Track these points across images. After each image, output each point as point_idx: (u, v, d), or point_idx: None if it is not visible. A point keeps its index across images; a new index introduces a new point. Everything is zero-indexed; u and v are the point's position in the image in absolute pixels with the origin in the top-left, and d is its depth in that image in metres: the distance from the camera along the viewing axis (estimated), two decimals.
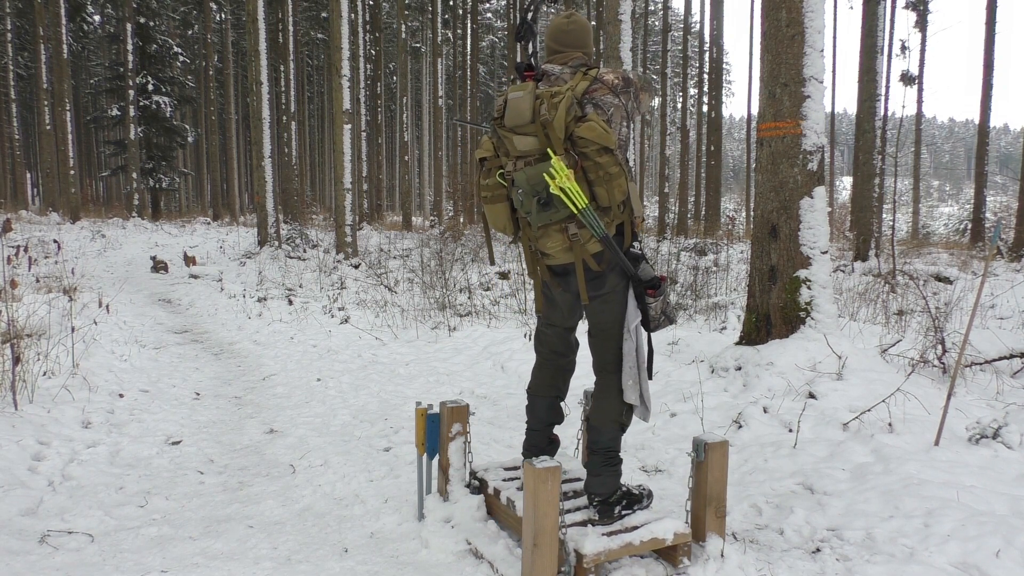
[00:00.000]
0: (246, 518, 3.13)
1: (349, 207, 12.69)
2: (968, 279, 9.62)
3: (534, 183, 2.41)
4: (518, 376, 5.45)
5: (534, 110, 2.41)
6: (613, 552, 2.42)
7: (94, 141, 38.39)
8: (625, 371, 2.56)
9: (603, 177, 2.38)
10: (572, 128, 2.39)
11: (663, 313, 2.55)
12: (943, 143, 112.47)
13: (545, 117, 2.40)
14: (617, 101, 2.49)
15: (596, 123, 2.37)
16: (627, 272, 2.52)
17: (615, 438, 2.63)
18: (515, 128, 2.47)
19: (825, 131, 4.77)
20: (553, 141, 2.40)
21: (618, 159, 2.39)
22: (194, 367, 6.07)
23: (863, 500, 2.91)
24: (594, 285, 2.57)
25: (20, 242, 12.53)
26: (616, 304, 2.57)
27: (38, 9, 20.02)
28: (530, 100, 2.42)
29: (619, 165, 2.39)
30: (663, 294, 2.53)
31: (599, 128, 2.36)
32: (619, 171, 2.39)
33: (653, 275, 2.54)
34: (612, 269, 2.54)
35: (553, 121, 2.38)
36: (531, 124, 2.43)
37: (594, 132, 2.36)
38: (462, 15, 27.83)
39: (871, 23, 12.24)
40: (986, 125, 17.39)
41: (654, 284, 2.52)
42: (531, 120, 2.42)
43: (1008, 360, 4.67)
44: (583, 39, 2.66)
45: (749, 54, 25.26)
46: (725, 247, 12.31)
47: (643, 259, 2.56)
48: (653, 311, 2.53)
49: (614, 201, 2.42)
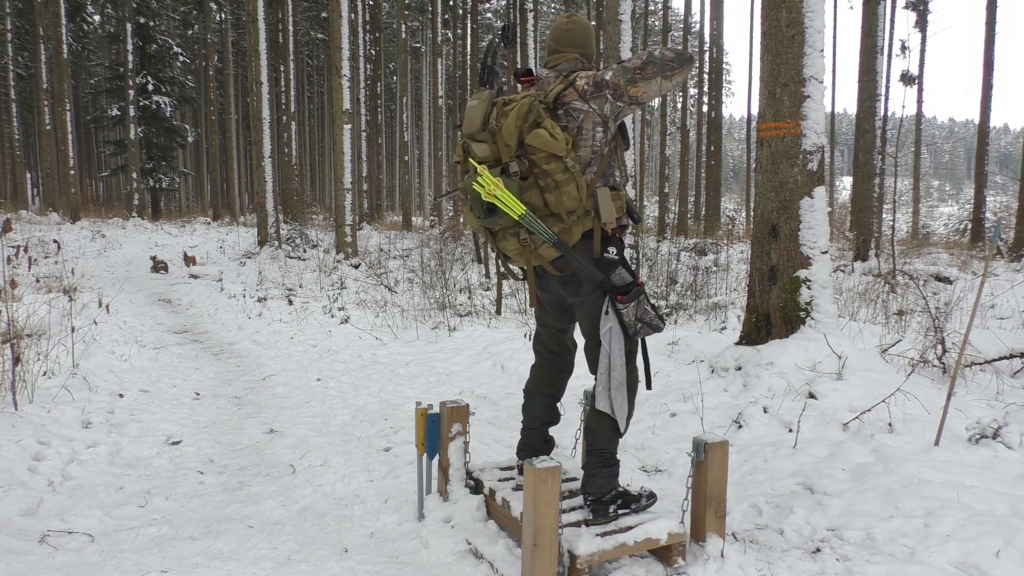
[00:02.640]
0: (246, 518, 3.13)
1: (349, 207, 12.70)
2: (968, 279, 9.62)
3: (478, 188, 2.44)
4: (518, 376, 5.45)
5: (485, 118, 2.44)
6: (607, 552, 2.42)
7: (94, 141, 38.39)
8: (599, 379, 2.56)
9: (550, 184, 2.38)
10: (524, 135, 2.39)
11: (640, 320, 2.49)
12: (943, 143, 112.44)
13: (493, 126, 2.42)
14: (587, 107, 2.46)
15: (546, 130, 2.36)
16: (592, 277, 2.50)
17: (610, 440, 2.62)
18: (471, 135, 2.50)
19: (825, 131, 4.77)
20: (501, 149, 2.42)
21: (567, 166, 2.36)
22: (194, 367, 6.07)
23: (863, 500, 2.91)
24: (571, 291, 2.59)
25: (20, 242, 12.52)
26: (593, 309, 2.57)
27: (38, 9, 20.02)
28: (483, 108, 2.46)
29: (568, 172, 2.36)
30: (635, 300, 2.48)
31: (546, 136, 2.35)
32: (567, 178, 2.37)
33: (627, 280, 2.52)
34: (586, 278, 2.53)
35: (501, 129, 2.40)
36: (482, 132, 2.46)
37: (540, 139, 2.35)
38: (462, 15, 27.81)
39: (871, 23, 12.24)
40: (986, 125, 17.38)
41: (624, 290, 2.50)
42: (482, 128, 2.45)
43: (1008, 360, 4.67)
44: (582, 39, 2.66)
45: (749, 54, 25.28)
46: (725, 247, 12.31)
47: (620, 264, 2.53)
48: (626, 317, 2.48)
49: (563, 208, 2.40)
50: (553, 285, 2.65)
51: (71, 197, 20.31)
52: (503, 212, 2.41)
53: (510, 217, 2.42)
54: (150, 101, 24.24)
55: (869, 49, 12.35)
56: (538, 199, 2.42)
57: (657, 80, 2.42)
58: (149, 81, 24.29)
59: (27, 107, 35.55)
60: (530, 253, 2.52)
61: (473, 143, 2.51)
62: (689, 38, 27.33)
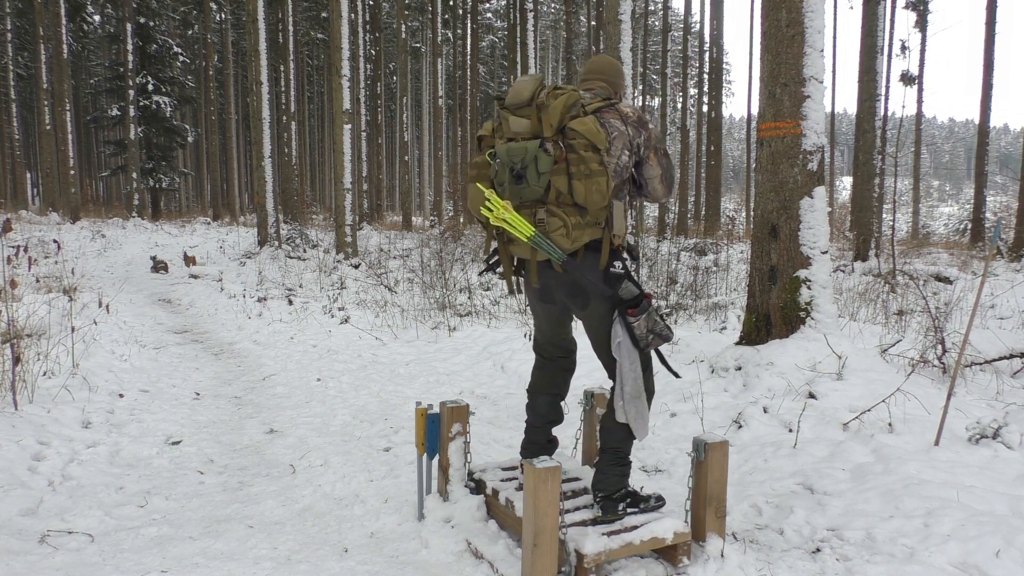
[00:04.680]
0: (246, 518, 3.13)
1: (349, 207, 12.69)
2: (968, 279, 9.62)
3: (513, 155, 2.44)
4: (518, 376, 5.45)
5: (534, 93, 2.46)
6: (614, 552, 2.42)
7: (94, 141, 38.38)
8: (615, 392, 2.59)
9: (583, 172, 2.38)
10: (567, 121, 2.43)
11: (651, 331, 2.51)
12: (943, 143, 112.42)
13: (542, 101, 2.44)
14: (623, 127, 2.52)
15: (592, 121, 2.42)
16: (600, 293, 2.52)
17: (624, 439, 2.64)
18: (512, 107, 2.50)
19: (825, 131, 4.77)
20: (544, 125, 2.44)
21: (603, 160, 2.40)
22: (194, 367, 6.07)
23: (863, 500, 2.91)
24: (578, 304, 2.59)
25: (20, 242, 12.52)
26: (600, 324, 2.59)
27: (38, 9, 20.02)
28: (533, 85, 2.47)
29: (603, 166, 2.39)
30: (645, 313, 2.49)
31: (592, 125, 2.41)
32: (601, 170, 2.39)
33: (635, 293, 2.52)
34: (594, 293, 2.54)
35: (549, 107, 2.43)
36: (528, 107, 2.45)
37: (585, 126, 2.40)
38: (462, 15, 27.80)
39: (871, 23, 12.24)
40: (986, 125, 17.38)
41: (634, 303, 2.51)
42: (528, 102, 2.45)
43: (1008, 360, 4.67)
44: (608, 71, 2.81)
45: (749, 54, 25.28)
46: (725, 247, 12.31)
47: (626, 278, 2.54)
48: (638, 331, 2.50)
49: (590, 200, 2.40)
50: (558, 297, 2.65)
51: (71, 197, 20.31)
52: (531, 183, 2.41)
53: (534, 191, 2.41)
54: (150, 101, 24.24)
55: (869, 49, 12.35)
56: (564, 184, 2.41)
57: (660, 173, 2.65)
58: (149, 81, 24.29)
59: (27, 107, 35.55)
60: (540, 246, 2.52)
61: (512, 117, 2.50)
62: (689, 38, 27.33)
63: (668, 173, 2.69)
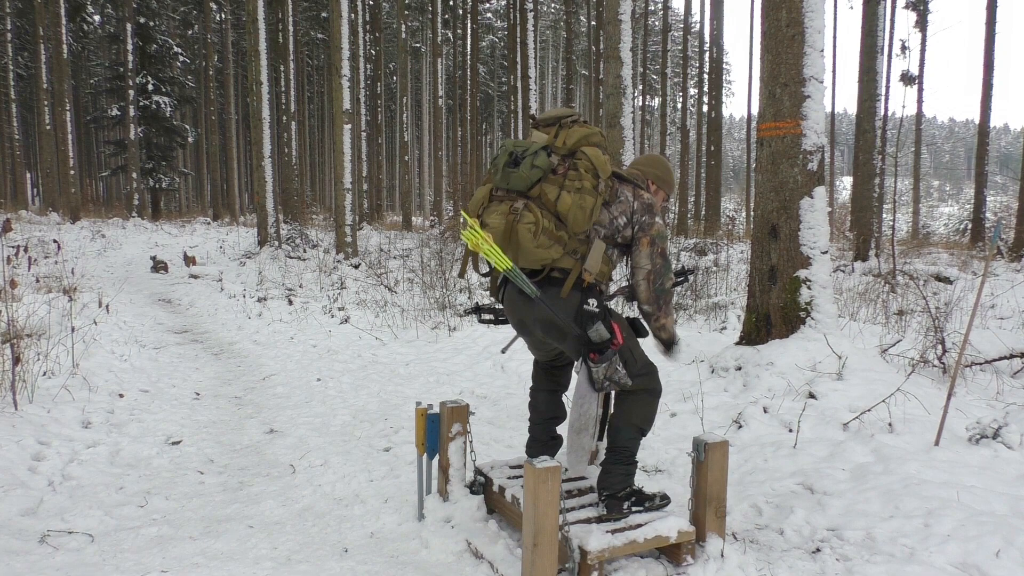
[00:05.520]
0: (246, 518, 3.13)
1: (349, 207, 12.70)
2: (968, 279, 9.62)
3: (518, 144, 2.55)
4: (518, 376, 5.45)
5: (564, 115, 2.65)
6: (617, 549, 2.42)
7: (94, 141, 38.37)
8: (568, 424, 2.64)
9: (575, 186, 2.46)
10: (581, 146, 2.56)
11: (608, 379, 2.49)
12: (943, 143, 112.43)
13: (567, 123, 2.60)
14: (630, 199, 2.59)
15: (603, 155, 2.53)
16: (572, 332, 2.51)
17: (633, 439, 2.66)
18: (540, 122, 2.68)
19: (825, 131, 4.77)
20: (559, 140, 2.57)
21: (598, 188, 2.47)
22: (194, 367, 6.07)
23: (863, 500, 2.91)
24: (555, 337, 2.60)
25: (20, 242, 12.52)
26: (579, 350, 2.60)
27: (38, 9, 20.02)
28: (567, 111, 2.68)
29: (596, 192, 2.46)
30: (606, 362, 2.48)
31: (602, 157, 2.53)
32: (593, 191, 2.46)
33: (604, 338, 2.49)
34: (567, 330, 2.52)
35: (571, 130, 2.57)
36: (552, 125, 2.64)
37: (595, 154, 2.53)
38: (462, 15, 27.80)
39: (871, 23, 12.24)
40: (986, 125, 17.38)
41: (600, 349, 2.49)
42: (555, 121, 2.65)
43: (1008, 360, 4.67)
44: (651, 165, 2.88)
45: (749, 54, 25.28)
46: (725, 247, 12.31)
47: (600, 318, 2.50)
48: (595, 375, 2.49)
49: (572, 215, 2.44)
50: (536, 332, 2.66)
51: (71, 197, 20.31)
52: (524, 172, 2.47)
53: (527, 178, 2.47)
54: (150, 101, 24.23)
55: (869, 49, 12.35)
56: (554, 192, 2.46)
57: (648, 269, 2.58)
58: (149, 81, 24.28)
59: (27, 107, 35.53)
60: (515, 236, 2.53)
61: (536, 131, 2.68)
62: (689, 38, 27.34)
63: (658, 277, 2.59)
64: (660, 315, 2.64)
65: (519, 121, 21.93)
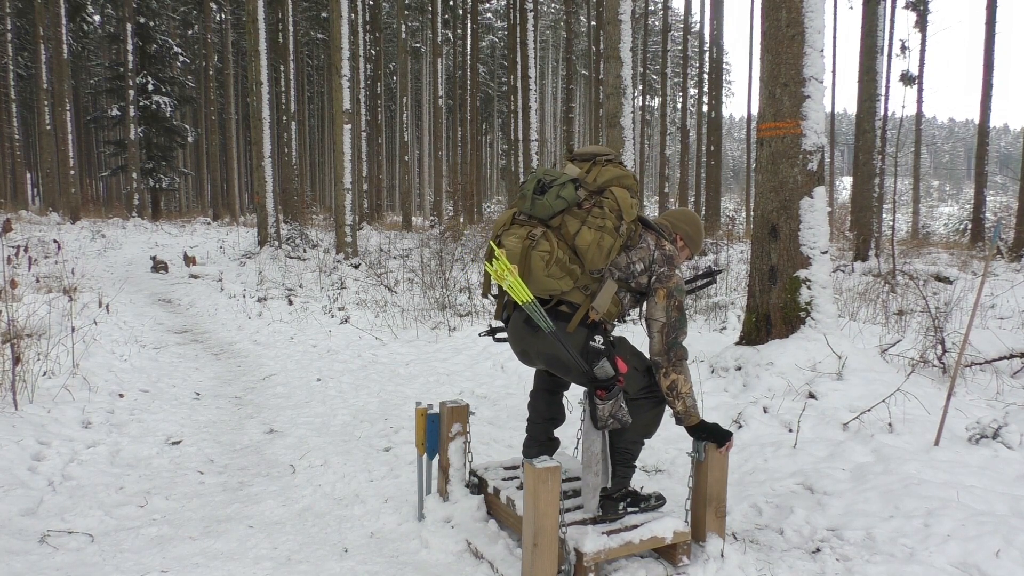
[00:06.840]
0: (246, 518, 3.13)
1: (349, 207, 12.69)
2: (968, 279, 9.61)
3: (548, 173, 2.57)
4: (518, 376, 5.46)
5: (600, 153, 2.68)
6: (613, 551, 2.42)
7: (94, 141, 38.36)
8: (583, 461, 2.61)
9: (597, 223, 2.47)
10: (612, 185, 2.57)
11: (612, 416, 2.48)
12: (943, 143, 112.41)
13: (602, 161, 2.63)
14: (652, 248, 2.59)
15: (630, 198, 2.53)
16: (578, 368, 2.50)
17: (635, 443, 2.68)
18: (576, 156, 2.71)
19: (825, 131, 4.77)
20: (590, 177, 2.59)
21: (620, 230, 2.48)
22: (194, 367, 6.07)
23: (863, 500, 2.91)
24: (559, 371, 2.61)
25: (20, 242, 12.52)
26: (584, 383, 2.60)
27: (38, 9, 20.02)
28: (605, 149, 2.71)
29: (616, 232, 2.47)
30: (613, 399, 2.47)
31: (629, 199, 2.53)
32: (613, 231, 2.46)
33: (610, 375, 2.49)
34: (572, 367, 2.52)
35: (605, 168, 2.59)
36: (587, 160, 2.66)
37: (623, 195, 2.52)
38: (462, 15, 27.80)
39: (871, 23, 12.23)
40: (986, 125, 17.38)
41: (606, 386, 2.49)
42: (590, 157, 2.67)
43: (1008, 360, 4.67)
44: (681, 219, 2.89)
45: (749, 54, 25.28)
46: (725, 247, 12.31)
47: (605, 355, 2.50)
48: (600, 411, 2.48)
49: (590, 251, 2.45)
50: (539, 364, 2.67)
51: (71, 197, 20.30)
52: (549, 201, 2.49)
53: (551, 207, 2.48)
54: (150, 101, 24.22)
55: (869, 49, 12.34)
56: (575, 226, 2.48)
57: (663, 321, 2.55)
58: (149, 81, 24.27)
59: (27, 107, 35.53)
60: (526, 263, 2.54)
61: (570, 164, 2.71)
62: (689, 38, 27.33)
63: (672, 331, 2.55)
64: (670, 369, 2.57)
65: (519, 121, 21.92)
